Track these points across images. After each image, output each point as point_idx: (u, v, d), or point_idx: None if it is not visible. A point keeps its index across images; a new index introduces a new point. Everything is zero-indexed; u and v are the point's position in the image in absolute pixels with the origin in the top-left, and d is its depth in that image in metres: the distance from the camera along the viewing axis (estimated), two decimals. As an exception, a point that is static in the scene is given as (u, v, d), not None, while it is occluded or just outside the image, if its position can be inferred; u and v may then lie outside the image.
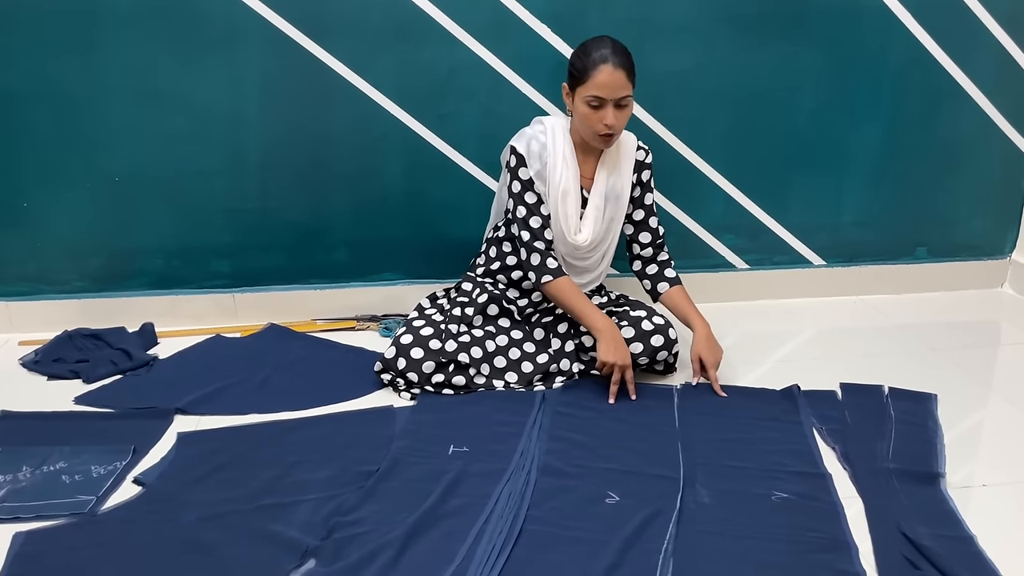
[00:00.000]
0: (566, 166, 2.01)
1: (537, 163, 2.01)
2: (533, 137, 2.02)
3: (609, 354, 1.93)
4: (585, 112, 1.90)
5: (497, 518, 1.52)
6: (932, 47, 2.41)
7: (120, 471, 1.69)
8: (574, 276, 2.11)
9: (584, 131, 1.96)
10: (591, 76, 1.86)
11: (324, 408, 1.96)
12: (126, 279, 2.41)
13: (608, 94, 1.86)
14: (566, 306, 2.02)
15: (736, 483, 1.63)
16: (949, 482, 1.65)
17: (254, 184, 2.35)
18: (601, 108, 1.88)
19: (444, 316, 2.14)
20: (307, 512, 1.55)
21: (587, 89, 1.87)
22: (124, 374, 2.13)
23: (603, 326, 1.96)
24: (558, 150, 2.01)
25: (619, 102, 1.88)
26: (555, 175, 2.01)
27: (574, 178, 2.02)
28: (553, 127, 2.04)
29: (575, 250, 2.08)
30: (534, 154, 2.01)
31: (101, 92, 2.22)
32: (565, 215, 2.03)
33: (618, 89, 1.87)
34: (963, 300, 2.64)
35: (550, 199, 2.03)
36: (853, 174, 2.53)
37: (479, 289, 2.16)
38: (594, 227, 2.05)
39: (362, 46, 2.24)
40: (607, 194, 2.05)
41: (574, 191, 2.03)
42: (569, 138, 2.03)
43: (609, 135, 1.92)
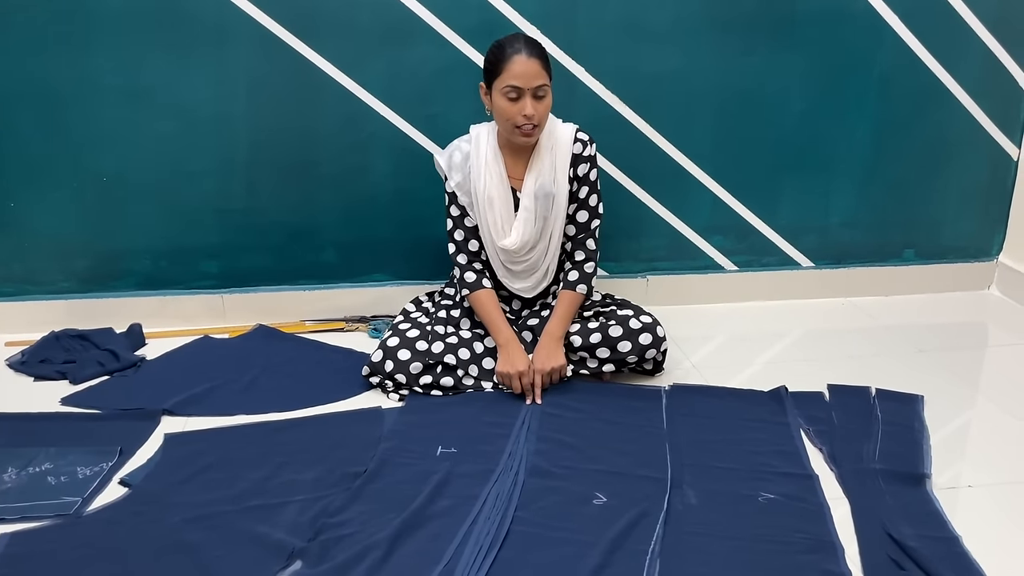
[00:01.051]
0: (489, 172, 2.00)
1: (459, 174, 2.02)
2: (456, 148, 2.04)
3: (504, 365, 1.97)
4: (503, 106, 1.89)
5: (484, 519, 1.53)
6: (919, 50, 2.42)
7: (106, 472, 1.69)
8: (518, 281, 2.11)
9: (504, 127, 1.94)
10: (506, 67, 1.86)
11: (312, 409, 1.96)
12: (113, 280, 2.40)
13: (524, 83, 1.86)
14: (480, 318, 2.07)
15: (723, 484, 1.64)
16: (935, 483, 1.66)
17: (243, 184, 2.34)
18: (519, 99, 1.87)
19: (430, 318, 2.14)
20: (294, 513, 1.55)
21: (503, 80, 1.87)
22: (111, 375, 2.12)
23: (504, 340, 2.01)
24: (480, 156, 2.01)
25: (536, 92, 1.88)
26: (479, 182, 2.00)
27: (500, 182, 2.01)
28: (479, 134, 2.04)
29: (510, 255, 2.06)
30: (455, 165, 2.03)
31: (89, 92, 2.21)
32: (493, 221, 2.02)
33: (533, 78, 1.86)
34: (950, 302, 2.65)
35: (479, 207, 2.02)
36: (841, 176, 2.54)
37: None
38: (524, 228, 2.01)
39: (351, 46, 2.24)
40: (536, 193, 2.01)
41: (500, 196, 2.01)
42: (495, 142, 2.02)
43: (530, 127, 1.90)
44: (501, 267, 2.10)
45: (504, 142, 2.03)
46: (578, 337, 2.03)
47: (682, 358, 2.22)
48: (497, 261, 2.09)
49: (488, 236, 2.05)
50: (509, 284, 2.12)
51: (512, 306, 2.18)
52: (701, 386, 2.05)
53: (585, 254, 2.09)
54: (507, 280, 2.12)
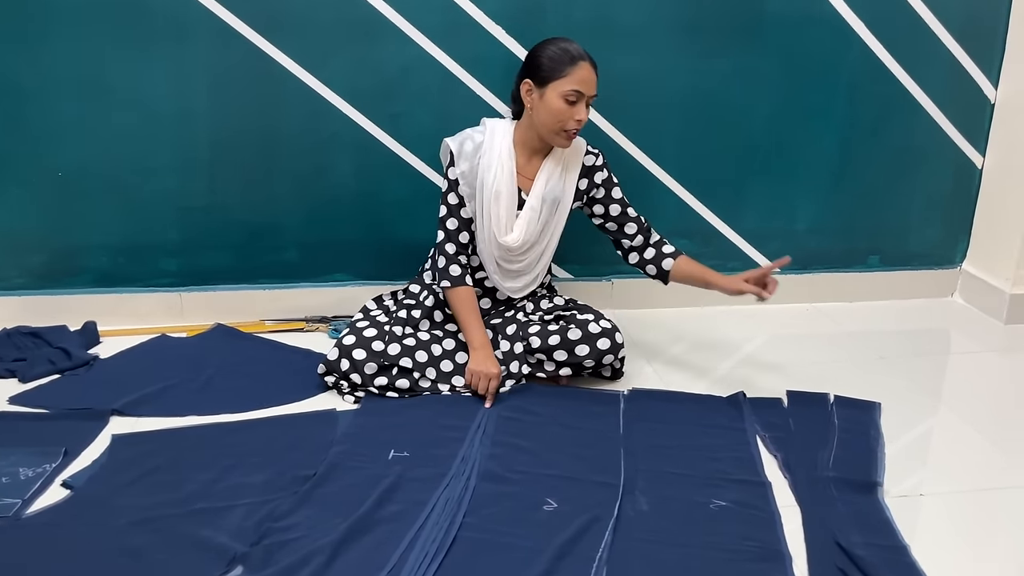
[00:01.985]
0: (501, 167, 2.00)
1: (466, 163, 2.00)
2: (469, 137, 2.02)
3: (478, 364, 1.96)
4: (559, 108, 1.89)
5: (433, 525, 1.50)
6: (885, 57, 2.42)
7: (49, 474, 1.65)
8: (507, 280, 2.11)
9: (551, 126, 1.93)
10: (571, 71, 1.87)
11: (266, 410, 1.93)
12: (70, 276, 2.36)
13: (587, 89, 1.89)
14: (456, 315, 2.06)
15: (676, 490, 1.63)
16: (889, 491, 1.65)
17: (203, 181, 2.31)
18: (577, 103, 1.89)
19: (389, 317, 2.12)
20: (239, 517, 1.52)
21: (566, 83, 1.87)
22: (62, 374, 2.08)
23: (479, 344, 2.00)
24: (495, 149, 2.00)
25: (589, 100, 1.92)
26: (488, 175, 2.00)
27: (509, 179, 2.01)
28: (494, 127, 2.03)
29: (507, 252, 2.05)
30: (466, 153, 2.01)
31: (47, 86, 2.17)
32: (497, 216, 2.01)
33: (593, 86, 1.91)
34: (914, 309, 2.66)
35: (483, 199, 2.01)
36: (807, 182, 2.54)
37: (427, 291, 2.15)
38: (527, 228, 2.03)
39: (313, 43, 2.21)
40: (544, 196, 2.03)
41: (508, 192, 2.01)
42: (510, 139, 2.02)
43: (574, 132, 1.93)
44: (494, 264, 2.08)
45: (522, 140, 2.02)
46: (537, 339, 2.01)
47: (644, 363, 2.21)
48: (491, 258, 2.07)
49: (488, 231, 2.03)
50: (499, 283, 2.11)
51: (481, 304, 2.15)
52: (659, 391, 2.04)
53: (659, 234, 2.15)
54: (497, 277, 2.10)
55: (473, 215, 2.04)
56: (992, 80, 2.51)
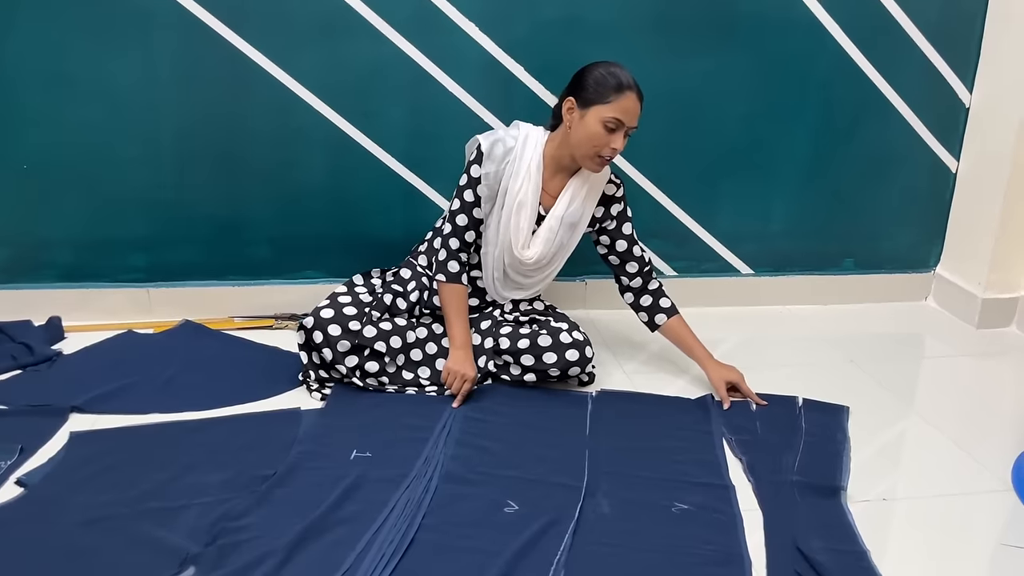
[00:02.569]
0: (528, 178, 1.96)
1: (493, 165, 1.97)
2: (501, 139, 1.98)
3: (456, 364, 1.95)
4: (597, 132, 1.86)
5: (391, 526, 1.49)
6: (859, 59, 2.42)
7: (3, 471, 1.62)
8: (509, 290, 2.10)
9: (585, 150, 1.90)
10: (617, 99, 1.84)
11: (230, 409, 1.91)
12: (34, 271, 2.32)
13: (629, 121, 1.87)
14: (444, 310, 2.03)
15: (638, 493, 1.62)
16: (852, 496, 1.65)
17: (171, 175, 2.28)
18: (616, 131, 1.86)
19: (373, 298, 2.07)
20: (193, 517, 1.49)
21: (610, 110, 1.84)
22: (24, 369, 2.05)
23: (461, 344, 1.99)
24: (525, 159, 1.97)
25: (628, 131, 1.89)
26: (515, 183, 1.96)
27: (534, 192, 1.97)
28: (527, 135, 2.00)
29: (520, 265, 2.03)
30: (496, 156, 1.97)
31: (10, 76, 2.14)
32: (516, 227, 1.98)
33: (635, 117, 1.88)
34: (887, 312, 2.66)
35: (505, 206, 1.98)
36: (781, 183, 2.53)
37: (415, 282, 2.11)
38: (544, 247, 2.00)
39: (283, 37, 2.18)
40: (564, 218, 2.00)
41: (531, 205, 1.98)
42: (541, 150, 1.99)
43: (608, 160, 1.91)
44: (501, 271, 2.06)
45: (550, 154, 1.99)
46: (506, 340, 2.00)
47: (615, 366, 2.20)
48: (499, 265, 2.04)
49: (504, 239, 2.00)
50: (498, 290, 2.10)
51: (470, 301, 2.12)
52: (628, 392, 2.03)
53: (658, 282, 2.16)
54: (498, 285, 2.09)
55: (486, 217, 2.02)
56: (967, 84, 2.51)
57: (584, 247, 2.24)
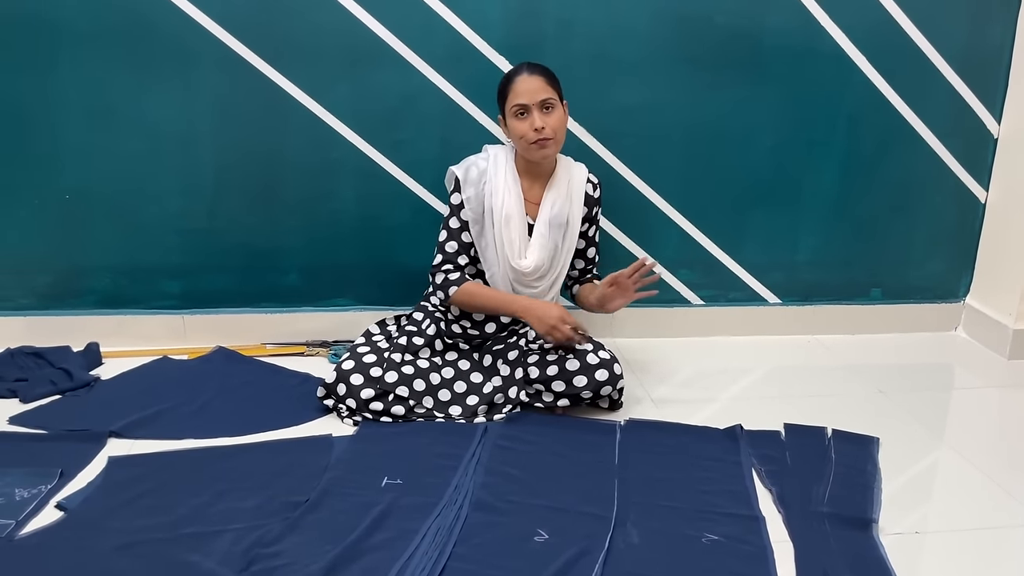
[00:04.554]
0: (508, 191, 2.04)
1: (472, 189, 2.04)
2: (473, 163, 2.07)
3: (543, 325, 1.96)
4: (515, 125, 1.98)
5: (422, 554, 1.50)
6: (886, 90, 2.43)
7: (44, 495, 1.66)
8: None
9: (521, 145, 2.02)
10: (511, 89, 1.98)
11: (262, 435, 1.93)
12: (74, 297, 2.38)
13: (528, 99, 1.95)
14: (481, 305, 2.06)
15: (668, 523, 1.62)
16: (884, 528, 1.64)
17: (206, 205, 2.33)
18: (527, 115, 1.96)
19: (390, 344, 2.12)
20: (228, 542, 1.52)
21: (511, 101, 1.98)
22: (63, 394, 2.09)
23: (522, 307, 2.00)
24: (499, 175, 2.05)
25: (543, 106, 1.96)
26: (496, 199, 2.04)
27: (517, 203, 2.05)
28: (496, 154, 2.09)
29: (522, 276, 2.08)
30: (471, 180, 2.05)
31: (55, 109, 2.21)
32: (509, 240, 2.05)
33: (537, 92, 1.95)
34: (916, 343, 2.64)
35: (494, 224, 2.04)
36: (808, 213, 2.54)
37: (429, 319, 2.16)
38: (539, 253, 2.07)
39: (318, 71, 2.24)
40: (551, 221, 2.07)
41: (516, 215, 2.05)
42: (512, 165, 2.08)
43: (543, 140, 1.97)
44: (508, 288, 2.11)
45: (522, 167, 2.09)
46: (535, 369, 2.01)
47: (643, 393, 2.21)
48: (507, 282, 2.09)
49: (502, 255, 2.06)
50: None
51: (486, 330, 2.17)
52: (656, 422, 2.03)
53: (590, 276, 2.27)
54: None
55: (474, 241, 2.07)
56: (995, 114, 2.52)
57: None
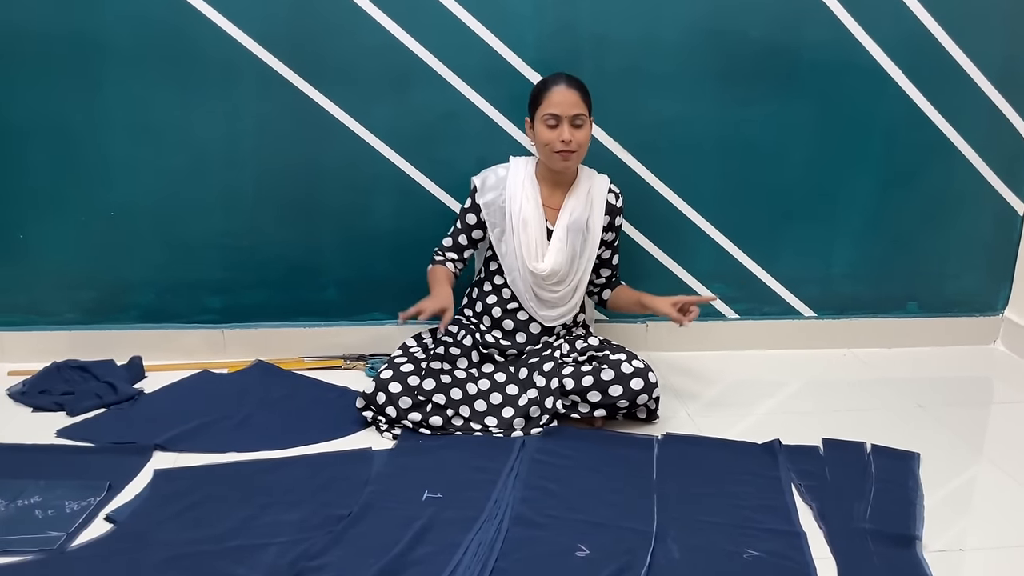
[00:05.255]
0: (526, 196, 2.12)
1: (491, 193, 2.15)
2: (492, 171, 2.18)
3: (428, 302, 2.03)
4: (543, 133, 2.05)
5: (464, 568, 1.51)
6: (923, 103, 2.42)
7: (93, 507, 1.69)
8: (542, 308, 2.19)
9: (544, 153, 2.09)
10: (546, 97, 2.04)
11: (303, 448, 1.96)
12: (117, 312, 2.43)
13: (562, 111, 2.01)
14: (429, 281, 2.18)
15: (708, 539, 1.62)
16: (928, 546, 1.62)
17: (247, 221, 2.37)
18: (558, 126, 2.02)
19: (427, 354, 2.14)
20: (273, 555, 1.54)
21: (544, 109, 2.04)
22: (108, 408, 2.14)
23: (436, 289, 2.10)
24: (517, 180, 2.14)
25: (574, 120, 2.02)
26: (514, 204, 2.12)
27: (535, 208, 2.12)
28: (516, 162, 2.19)
29: (541, 280, 2.14)
30: (489, 185, 2.16)
31: (99, 127, 2.26)
32: (527, 243, 2.11)
33: (571, 107, 2.02)
34: (954, 356, 2.62)
35: (512, 227, 2.12)
36: (844, 226, 2.54)
37: (465, 331, 2.18)
38: (556, 257, 2.11)
39: (357, 89, 2.28)
40: (569, 227, 2.12)
41: (535, 220, 2.12)
42: (532, 172, 2.16)
43: (567, 152, 2.03)
44: (529, 292, 2.16)
45: (543, 173, 2.16)
46: (571, 380, 2.03)
47: (679, 407, 2.21)
48: (527, 286, 2.15)
49: (520, 258, 2.13)
50: (535, 311, 2.19)
51: (517, 339, 2.20)
52: (694, 436, 2.03)
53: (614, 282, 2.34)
54: (533, 305, 2.18)
55: (494, 246, 2.17)
56: (1033, 126, 2.50)
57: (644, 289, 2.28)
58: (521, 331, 2.20)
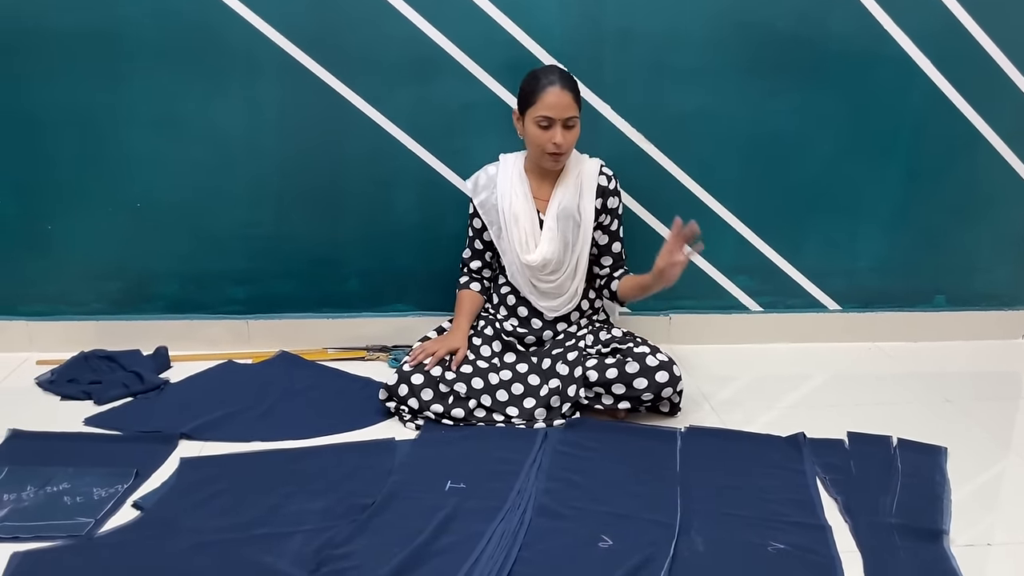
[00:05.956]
0: (515, 192, 2.13)
1: (484, 192, 2.16)
2: (484, 170, 2.21)
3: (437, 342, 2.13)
4: (535, 133, 2.02)
5: (488, 558, 1.52)
6: (952, 94, 2.39)
7: (121, 494, 1.71)
8: (542, 299, 2.19)
9: (534, 151, 2.08)
10: (540, 98, 1.98)
11: (327, 438, 1.97)
12: (143, 302, 2.46)
13: (556, 114, 1.98)
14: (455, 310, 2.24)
15: (733, 532, 1.61)
16: (954, 540, 1.61)
17: (270, 212, 2.39)
18: (550, 128, 2.00)
19: (448, 346, 2.15)
20: (299, 544, 1.55)
21: (536, 110, 1.99)
22: (135, 397, 2.16)
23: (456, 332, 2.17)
24: (506, 176, 2.14)
25: (566, 122, 1.99)
26: (504, 200, 2.13)
27: (524, 201, 2.13)
28: (506, 159, 2.20)
29: (535, 272, 2.15)
30: (481, 185, 2.19)
31: (124, 119, 2.28)
32: (519, 237, 2.13)
33: (565, 109, 1.98)
34: (982, 350, 2.59)
35: (505, 223, 2.13)
36: (870, 219, 2.51)
37: (485, 321, 2.21)
38: (548, 247, 2.11)
39: (379, 80, 2.28)
40: (559, 215, 2.11)
41: (525, 213, 2.12)
42: (521, 165, 2.18)
43: (557, 154, 2.03)
44: (528, 284, 2.17)
45: (531, 167, 2.16)
46: (594, 372, 2.02)
47: (702, 400, 2.20)
48: (524, 279, 2.17)
49: (513, 252, 2.14)
50: (536, 302, 2.19)
51: (532, 325, 2.20)
52: (718, 429, 2.02)
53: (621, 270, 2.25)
54: (534, 297, 2.19)
55: (495, 243, 2.18)
56: (1065, 118, 2.46)
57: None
58: (536, 317, 2.21)
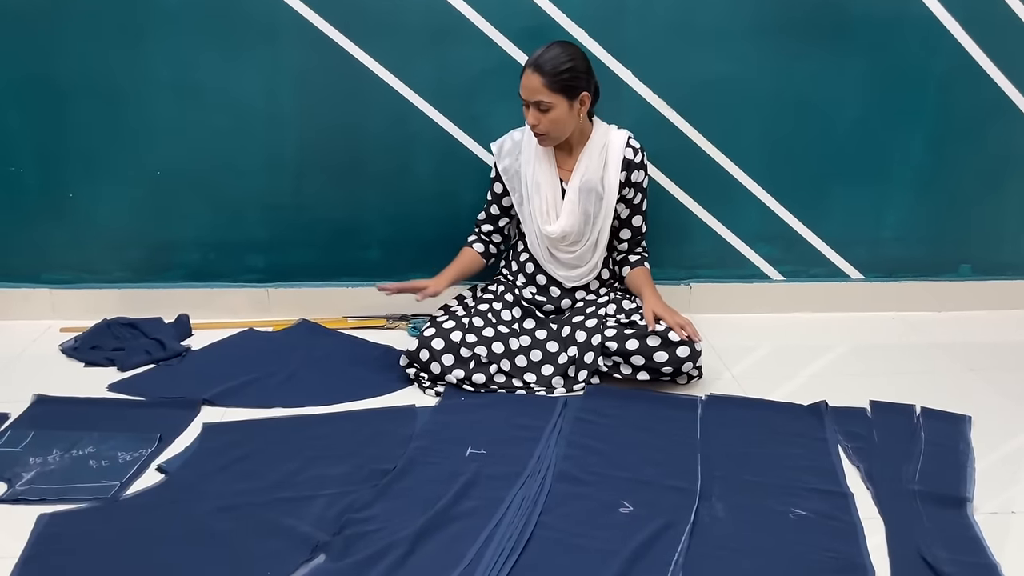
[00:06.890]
0: (538, 159, 2.11)
1: (508, 158, 2.15)
2: (509, 136, 2.20)
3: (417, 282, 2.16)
4: (524, 113, 2.03)
5: (508, 523, 1.52)
6: (980, 57, 2.33)
7: (145, 458, 1.73)
8: (561, 269, 2.19)
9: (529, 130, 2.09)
10: (521, 81, 1.99)
11: (348, 404, 1.98)
12: (164, 271, 2.47)
13: (525, 96, 1.99)
14: None
15: (754, 498, 1.61)
16: (979, 508, 1.60)
17: (290, 181, 2.38)
18: (529, 109, 1.99)
19: (468, 312, 2.15)
20: (321, 507, 1.57)
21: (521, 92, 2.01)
22: (157, 363, 2.18)
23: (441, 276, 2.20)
24: (531, 144, 2.12)
25: (538, 105, 1.98)
26: (528, 167, 2.12)
27: (547, 171, 2.11)
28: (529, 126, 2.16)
29: (555, 242, 2.14)
30: (505, 151, 2.18)
31: (145, 87, 2.27)
32: (539, 206, 2.12)
33: (532, 92, 1.97)
34: (1007, 320, 2.55)
35: (526, 191, 2.13)
36: (895, 187, 2.47)
37: (504, 287, 2.22)
38: (568, 219, 2.10)
39: (398, 46, 2.26)
40: (581, 187, 2.09)
41: (548, 182, 2.11)
42: None
43: (539, 134, 2.02)
44: (546, 253, 2.17)
45: None
46: (614, 342, 2.01)
47: (723, 369, 2.19)
48: (543, 248, 2.16)
49: (534, 221, 2.13)
50: (554, 271, 2.19)
51: (551, 293, 2.20)
52: (738, 397, 2.01)
53: (643, 251, 2.27)
54: (552, 267, 2.19)
55: (516, 208, 2.18)
56: (1097, 82, 2.40)
57: (685, 251, 2.25)
58: (554, 285, 2.21)
